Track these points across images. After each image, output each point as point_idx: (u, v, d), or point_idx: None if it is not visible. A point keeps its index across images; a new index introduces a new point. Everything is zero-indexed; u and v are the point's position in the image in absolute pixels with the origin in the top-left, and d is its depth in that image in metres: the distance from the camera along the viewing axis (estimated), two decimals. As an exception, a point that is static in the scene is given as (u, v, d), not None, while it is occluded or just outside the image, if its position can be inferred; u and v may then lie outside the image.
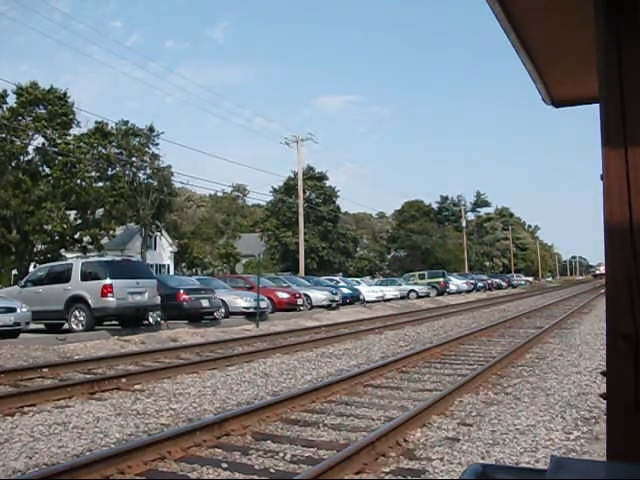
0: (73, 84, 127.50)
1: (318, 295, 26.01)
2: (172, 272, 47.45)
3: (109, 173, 39.11)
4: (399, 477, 4.62)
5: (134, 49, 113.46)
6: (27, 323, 14.23)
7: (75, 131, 34.31)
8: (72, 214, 34.57)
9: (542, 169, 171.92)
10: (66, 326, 15.95)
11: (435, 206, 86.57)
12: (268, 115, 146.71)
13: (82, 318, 15.37)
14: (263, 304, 20.09)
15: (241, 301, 20.55)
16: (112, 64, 48.19)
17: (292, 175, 48.68)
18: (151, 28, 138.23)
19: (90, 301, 15.24)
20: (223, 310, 20.04)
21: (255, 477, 4.69)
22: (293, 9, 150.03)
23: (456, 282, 46.10)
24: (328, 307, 25.58)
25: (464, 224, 67.06)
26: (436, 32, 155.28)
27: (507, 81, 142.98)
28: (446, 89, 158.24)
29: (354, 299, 29.68)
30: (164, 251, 49.29)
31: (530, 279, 77.44)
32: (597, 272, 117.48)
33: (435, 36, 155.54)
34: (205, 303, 18.58)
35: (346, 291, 29.52)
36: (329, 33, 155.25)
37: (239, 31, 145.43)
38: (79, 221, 35.06)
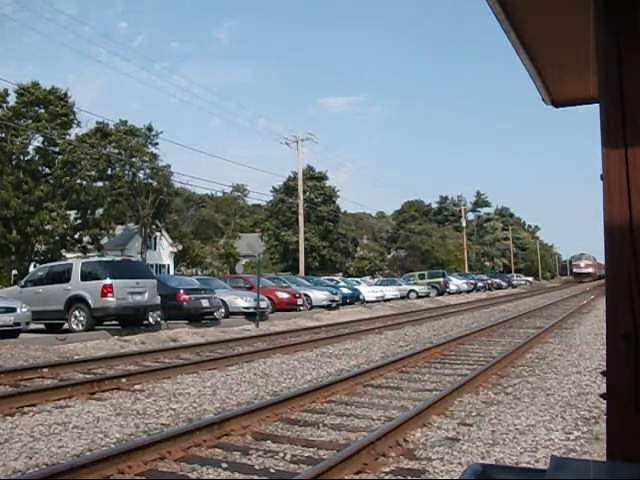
0: (77, 85, 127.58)
1: (318, 295, 26.01)
2: (172, 272, 47.45)
3: (109, 173, 39.16)
4: (399, 477, 4.62)
5: (139, 50, 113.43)
6: (27, 323, 14.22)
7: (75, 131, 34.42)
8: (72, 214, 34.59)
9: (542, 169, 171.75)
10: (66, 326, 15.95)
11: (435, 206, 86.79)
12: (270, 116, 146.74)
13: (82, 318, 15.37)
14: (263, 304, 20.09)
15: (241, 301, 20.55)
16: (116, 65, 48.38)
17: (292, 175, 48.70)
18: (156, 29, 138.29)
19: (90, 301, 15.23)
20: (223, 310, 20.04)
21: (255, 477, 4.69)
22: (296, 10, 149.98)
23: (456, 282, 46.09)
24: (328, 307, 25.57)
25: (464, 224, 67.04)
26: (437, 33, 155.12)
27: (507, 81, 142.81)
28: (446, 89, 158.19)
29: (354, 299, 29.68)
30: (164, 251, 49.28)
31: (530, 279, 77.36)
32: (577, 270, 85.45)
33: (436, 37, 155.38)
34: (205, 303, 18.57)
35: (346, 291, 29.52)
36: (332, 34, 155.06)
37: (243, 32, 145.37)
38: (79, 221, 35.08)
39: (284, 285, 25.95)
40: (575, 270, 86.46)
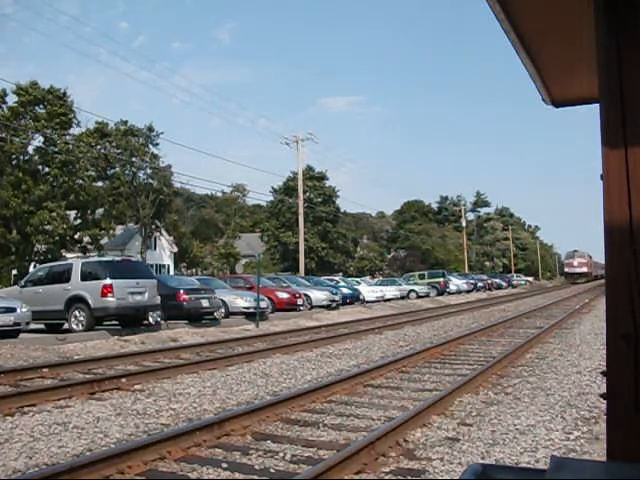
0: (78, 85, 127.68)
1: (318, 295, 26.00)
2: (172, 272, 47.45)
3: (109, 173, 39.17)
4: (399, 477, 4.62)
5: (140, 51, 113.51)
6: (27, 323, 14.22)
7: (75, 131, 34.42)
8: (72, 214, 34.59)
9: (542, 169, 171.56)
10: (66, 326, 15.95)
11: (435, 206, 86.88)
12: (271, 116, 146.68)
13: (82, 318, 15.37)
14: (263, 304, 20.09)
15: (241, 301, 20.55)
16: (117, 65, 48.50)
17: (292, 175, 48.72)
18: (157, 29, 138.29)
19: (90, 301, 15.23)
20: (223, 310, 20.04)
21: (255, 477, 4.69)
22: (296, 10, 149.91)
23: (456, 282, 46.07)
24: (328, 307, 25.57)
25: (464, 224, 67.04)
26: (437, 33, 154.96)
27: (508, 81, 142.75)
28: (446, 89, 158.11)
29: (354, 299, 29.68)
30: (164, 251, 49.29)
31: (530, 279, 77.29)
32: (568, 270, 73.02)
33: (436, 37, 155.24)
34: (205, 303, 18.58)
35: (346, 291, 29.52)
36: (332, 34, 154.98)
37: (243, 33, 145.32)
38: (79, 221, 35.07)
39: (284, 285, 25.94)
40: (567, 270, 73.90)
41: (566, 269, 74.72)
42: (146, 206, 40.58)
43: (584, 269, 71.76)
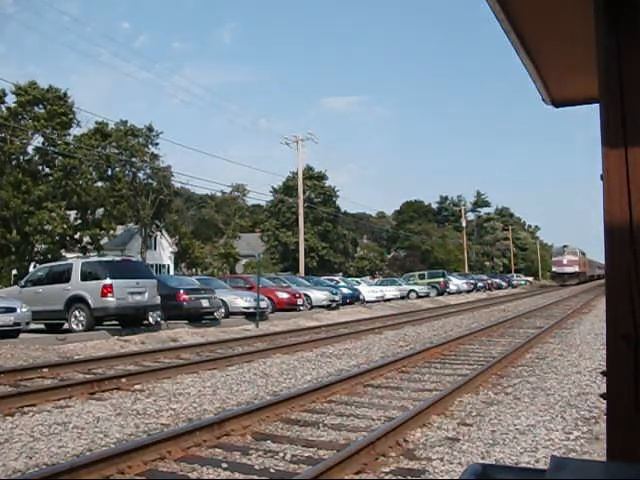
0: (79, 86, 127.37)
1: (318, 295, 26.00)
2: (172, 272, 47.44)
3: (109, 173, 39.18)
4: (399, 477, 4.62)
5: (141, 51, 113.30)
6: (27, 323, 14.22)
7: (75, 131, 34.42)
8: (72, 214, 34.60)
9: (542, 169, 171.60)
10: (66, 326, 15.95)
11: (435, 206, 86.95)
12: (272, 117, 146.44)
13: (82, 318, 15.36)
14: (263, 304, 20.08)
15: (241, 301, 20.55)
16: (118, 66, 48.45)
17: (291, 175, 48.73)
18: (158, 30, 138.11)
19: (90, 301, 15.22)
20: (223, 310, 20.04)
21: (255, 477, 4.69)
22: (296, 11, 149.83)
23: (456, 282, 46.06)
24: (328, 307, 25.57)
25: (464, 224, 67.01)
26: (437, 34, 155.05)
27: (507, 81, 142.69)
28: (446, 89, 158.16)
29: (354, 299, 29.68)
30: (164, 251, 49.29)
31: (530, 279, 77.27)
32: (557, 269, 61.83)
33: (436, 38, 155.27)
34: (205, 303, 18.58)
35: (346, 291, 29.51)
36: (333, 34, 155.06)
37: (245, 33, 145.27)
38: (79, 221, 35.08)
39: (284, 285, 25.94)
40: (555, 269, 62.46)
41: (554, 268, 63.42)
42: (146, 206, 40.60)
43: (575, 268, 60.79)
